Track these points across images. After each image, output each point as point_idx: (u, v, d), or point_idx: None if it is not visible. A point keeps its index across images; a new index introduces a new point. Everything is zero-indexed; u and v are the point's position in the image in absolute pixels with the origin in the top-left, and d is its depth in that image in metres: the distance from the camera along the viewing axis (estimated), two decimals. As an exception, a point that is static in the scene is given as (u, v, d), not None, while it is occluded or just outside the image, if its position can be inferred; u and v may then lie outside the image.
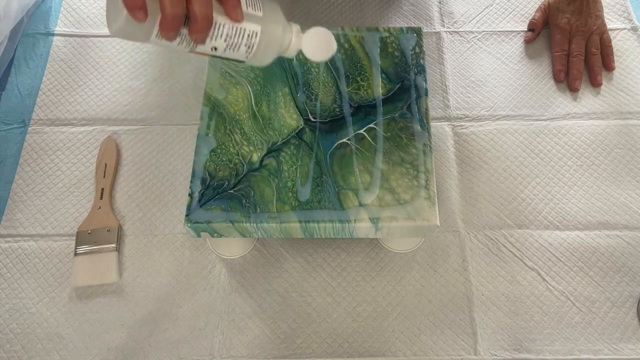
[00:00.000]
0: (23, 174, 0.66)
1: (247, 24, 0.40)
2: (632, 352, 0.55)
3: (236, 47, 0.41)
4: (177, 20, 0.37)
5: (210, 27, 0.39)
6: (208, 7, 0.38)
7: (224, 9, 0.39)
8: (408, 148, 0.54)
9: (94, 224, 0.62)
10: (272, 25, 0.42)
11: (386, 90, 0.57)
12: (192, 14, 0.37)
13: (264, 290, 0.59)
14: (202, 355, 0.56)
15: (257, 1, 0.41)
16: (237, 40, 0.41)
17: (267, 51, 0.43)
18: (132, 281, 0.60)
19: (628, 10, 0.78)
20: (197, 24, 0.37)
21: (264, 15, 0.41)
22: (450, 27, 0.77)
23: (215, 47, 0.40)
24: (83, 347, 0.56)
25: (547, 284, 0.59)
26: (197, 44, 0.40)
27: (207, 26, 0.38)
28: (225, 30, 0.40)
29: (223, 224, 0.51)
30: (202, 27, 0.38)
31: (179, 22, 0.37)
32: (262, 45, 0.42)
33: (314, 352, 0.56)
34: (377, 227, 0.51)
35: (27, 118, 0.70)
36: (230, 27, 0.40)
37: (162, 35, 0.38)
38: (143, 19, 0.36)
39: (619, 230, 0.62)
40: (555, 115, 0.70)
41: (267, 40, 0.42)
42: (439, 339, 0.56)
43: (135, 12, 0.35)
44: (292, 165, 0.53)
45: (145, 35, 0.38)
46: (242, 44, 0.41)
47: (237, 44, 0.41)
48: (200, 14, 0.37)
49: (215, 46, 0.40)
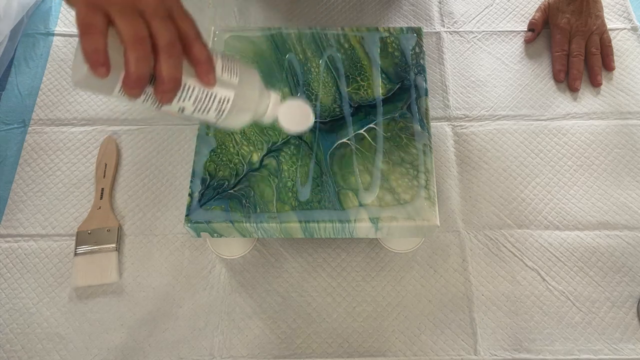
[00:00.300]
0: (23, 174, 0.66)
1: (219, 89, 0.39)
2: (632, 352, 0.55)
3: (205, 111, 0.39)
4: (141, 79, 0.35)
5: (177, 89, 0.37)
6: (177, 69, 0.36)
7: (195, 72, 0.37)
8: (408, 148, 0.54)
9: (94, 224, 0.62)
10: (246, 92, 0.41)
11: (386, 90, 0.57)
12: (158, 75, 0.35)
13: (264, 290, 0.59)
14: (202, 355, 0.56)
15: (234, 67, 0.40)
16: (207, 105, 0.39)
17: (239, 117, 0.41)
18: (132, 281, 0.60)
19: (628, 10, 0.78)
20: (163, 85, 0.35)
21: (239, 82, 0.40)
22: (450, 27, 0.77)
23: (183, 109, 0.39)
24: (83, 347, 0.56)
25: (547, 284, 0.59)
26: (162, 104, 0.38)
27: (174, 88, 0.36)
28: (195, 93, 0.38)
29: (223, 224, 0.51)
30: (169, 88, 0.36)
31: (144, 81, 0.35)
32: (234, 111, 0.40)
33: (314, 352, 0.56)
34: (377, 227, 0.51)
35: (27, 118, 0.70)
36: (200, 91, 0.38)
37: (125, 93, 0.36)
38: (104, 75, 0.34)
39: (619, 230, 0.62)
40: (555, 115, 0.70)
41: (240, 106, 0.40)
42: (439, 339, 0.56)
43: (96, 68, 0.33)
44: (292, 165, 0.53)
45: (108, 89, 0.36)
46: (212, 108, 0.39)
47: (206, 108, 0.39)
48: (168, 75, 0.35)
49: (183, 107, 0.39)
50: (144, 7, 0.35)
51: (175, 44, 0.36)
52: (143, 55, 0.34)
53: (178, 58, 0.36)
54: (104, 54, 0.33)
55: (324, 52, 0.60)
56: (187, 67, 0.37)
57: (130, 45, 0.34)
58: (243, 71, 0.41)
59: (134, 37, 0.34)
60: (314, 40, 0.61)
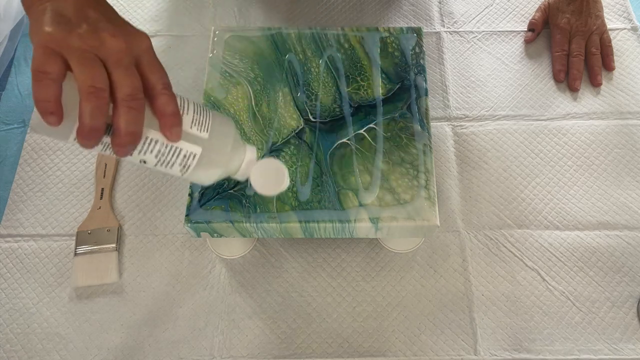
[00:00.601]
0: (23, 174, 0.66)
1: (185, 144, 0.36)
2: (632, 352, 0.55)
3: (169, 165, 0.37)
4: (94, 131, 0.33)
5: (135, 143, 0.34)
6: (136, 124, 0.34)
7: (159, 125, 0.35)
8: (408, 148, 0.54)
9: (94, 224, 0.62)
10: (216, 149, 0.38)
11: (386, 90, 0.57)
12: (116, 128, 0.33)
13: (264, 290, 0.59)
14: (202, 355, 0.56)
15: (206, 120, 0.37)
16: (171, 159, 0.37)
17: (207, 172, 0.39)
18: (132, 281, 0.60)
19: (628, 10, 0.78)
20: (120, 138, 0.33)
21: (209, 137, 0.37)
22: (450, 27, 0.77)
23: (145, 161, 0.36)
24: (83, 347, 0.56)
25: (547, 284, 0.59)
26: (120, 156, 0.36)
27: (132, 142, 0.34)
28: (157, 147, 0.36)
29: (223, 224, 0.51)
30: (126, 142, 0.34)
31: (98, 133, 0.33)
32: (201, 167, 0.38)
33: (314, 352, 0.56)
34: (377, 227, 0.51)
35: (27, 118, 0.70)
36: (163, 145, 0.36)
37: (79, 143, 0.33)
38: (55, 124, 0.32)
39: (619, 230, 0.62)
40: (555, 115, 0.70)
41: (208, 163, 0.38)
42: (439, 339, 0.56)
43: (47, 116, 0.32)
44: (292, 165, 0.53)
45: (63, 136, 0.34)
46: (177, 163, 0.37)
47: (170, 162, 0.37)
48: (125, 130, 0.33)
49: (145, 160, 0.36)
50: (106, 56, 0.33)
51: (136, 97, 0.34)
52: (97, 106, 0.32)
53: (138, 111, 0.34)
54: (53, 103, 0.32)
55: (324, 52, 0.60)
56: (152, 119, 0.35)
57: (84, 95, 0.32)
58: (216, 125, 0.38)
59: (89, 87, 0.32)
60: (314, 40, 0.61)
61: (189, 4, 0.80)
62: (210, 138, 0.37)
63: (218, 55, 0.60)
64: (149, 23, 0.78)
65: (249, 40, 0.61)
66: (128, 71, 0.34)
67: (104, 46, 0.33)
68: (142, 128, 0.34)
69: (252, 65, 0.59)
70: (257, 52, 0.60)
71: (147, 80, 0.35)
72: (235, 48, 0.60)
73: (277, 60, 0.59)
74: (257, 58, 0.59)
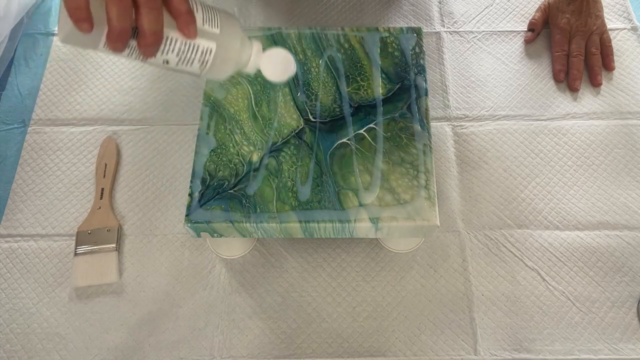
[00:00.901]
0: (23, 174, 0.66)
1: (201, 40, 0.39)
2: (632, 352, 0.55)
3: (189, 62, 0.40)
4: (123, 34, 0.36)
5: (159, 43, 0.37)
6: (158, 23, 0.36)
7: (176, 24, 0.38)
8: (408, 148, 0.54)
9: (94, 224, 0.62)
10: (228, 42, 0.41)
11: (386, 90, 0.57)
12: (140, 29, 0.36)
13: (264, 290, 0.59)
14: (202, 355, 0.56)
15: (215, 17, 0.40)
16: (190, 56, 0.40)
17: (222, 67, 0.42)
18: (132, 281, 0.60)
19: (628, 10, 0.78)
20: (145, 38, 0.36)
21: (220, 33, 0.40)
22: (450, 27, 0.77)
23: (167, 61, 0.40)
24: (83, 347, 0.56)
25: (547, 284, 0.59)
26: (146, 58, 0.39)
27: (156, 42, 0.37)
28: (177, 45, 0.39)
29: (223, 224, 0.51)
30: (151, 42, 0.37)
31: (126, 35, 0.36)
32: (217, 62, 0.41)
33: (314, 352, 0.56)
34: (377, 227, 0.51)
35: (27, 118, 0.70)
36: (182, 43, 0.39)
37: (109, 47, 0.37)
38: (88, 31, 0.35)
39: (619, 230, 0.62)
40: (555, 115, 0.70)
41: (223, 57, 0.41)
42: (439, 339, 0.56)
43: (80, 23, 0.34)
44: (292, 165, 0.53)
45: (94, 44, 0.37)
46: (196, 59, 0.40)
47: (190, 59, 0.40)
48: (149, 29, 0.36)
49: (167, 60, 0.39)
50: None
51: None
52: (123, 9, 0.35)
53: (158, 11, 0.36)
54: (85, 10, 0.34)
55: (324, 52, 0.60)
56: (169, 20, 0.38)
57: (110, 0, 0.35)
58: (224, 21, 0.41)
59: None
60: (314, 40, 0.61)
61: (189, 4, 0.80)
62: (221, 33, 0.40)
63: (218, 55, 0.60)
64: (149, 23, 0.78)
65: (249, 40, 0.61)
66: None
67: None
68: (163, 27, 0.37)
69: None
70: (257, 52, 0.60)
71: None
72: (235, 48, 0.60)
73: (277, 60, 0.59)
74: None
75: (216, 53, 0.40)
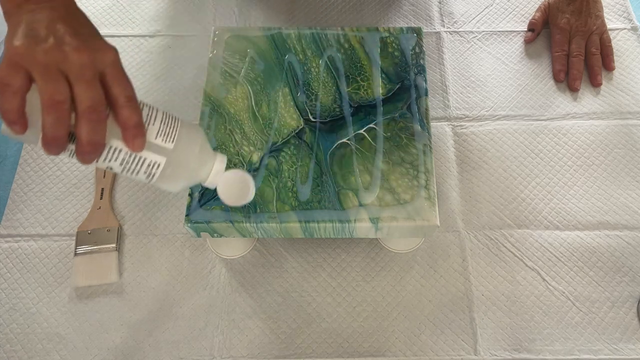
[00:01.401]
0: (23, 174, 0.66)
1: (149, 153, 0.37)
2: (632, 352, 0.55)
3: (134, 173, 0.38)
4: (58, 141, 0.34)
5: (97, 153, 0.36)
6: (96, 134, 0.35)
7: (122, 136, 0.36)
8: (408, 148, 0.54)
9: (94, 224, 0.62)
10: (182, 159, 0.39)
11: (386, 90, 0.57)
12: (78, 137, 0.35)
13: (264, 290, 0.59)
14: (202, 355, 0.56)
15: (173, 131, 0.38)
16: (135, 167, 0.38)
17: (172, 181, 0.40)
18: (132, 281, 0.60)
19: (628, 10, 0.78)
20: (82, 147, 0.35)
21: (174, 148, 0.38)
22: (450, 27, 0.77)
23: (111, 168, 0.38)
24: (83, 347, 0.56)
25: (547, 284, 0.59)
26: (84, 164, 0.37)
27: (94, 151, 0.36)
28: (121, 156, 0.37)
29: (223, 224, 0.51)
30: (87, 151, 0.35)
31: (60, 142, 0.35)
32: (167, 175, 0.39)
33: (314, 352, 0.56)
34: (377, 227, 0.51)
35: (27, 118, 0.70)
36: (127, 154, 0.37)
37: (44, 150, 0.35)
38: (20, 133, 0.34)
39: (619, 230, 0.62)
40: (555, 115, 0.70)
41: (173, 172, 0.39)
42: (439, 339, 0.56)
43: (12, 125, 0.34)
44: (292, 165, 0.53)
45: (32, 141, 0.36)
46: (142, 171, 0.38)
47: (135, 170, 0.38)
48: (86, 139, 0.35)
49: (111, 167, 0.38)
50: (69, 69, 0.35)
51: (97, 109, 0.35)
52: (58, 118, 0.34)
53: (98, 123, 0.35)
54: (16, 113, 0.33)
55: (324, 52, 0.60)
56: (116, 129, 0.36)
57: (45, 107, 0.34)
58: (183, 136, 0.39)
59: (50, 100, 0.34)
60: (314, 40, 0.61)
61: (189, 4, 0.80)
62: (175, 149, 0.38)
63: (218, 55, 0.60)
64: (148, 23, 0.78)
65: (249, 40, 0.61)
66: (90, 84, 0.35)
67: (67, 60, 0.34)
68: (104, 138, 0.36)
69: (252, 65, 0.59)
70: (257, 52, 0.60)
71: (110, 93, 0.36)
72: (235, 48, 0.60)
73: (277, 60, 0.59)
74: (257, 58, 0.59)
75: (165, 168, 0.38)
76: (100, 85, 0.36)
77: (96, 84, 0.35)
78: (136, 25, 0.78)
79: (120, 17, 0.79)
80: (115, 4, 0.80)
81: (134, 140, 0.36)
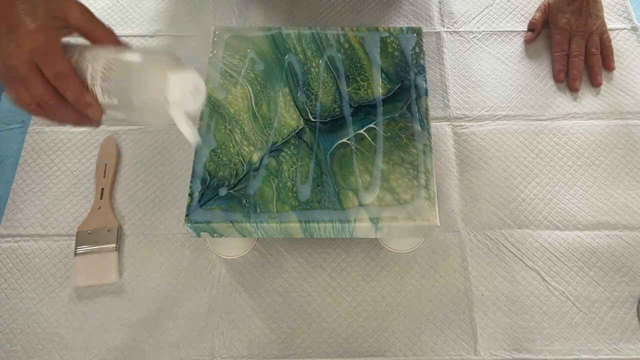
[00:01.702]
0: (23, 174, 0.66)
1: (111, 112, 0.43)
2: (632, 352, 0.55)
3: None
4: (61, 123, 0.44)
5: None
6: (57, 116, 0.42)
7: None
8: (408, 148, 0.54)
9: (94, 224, 0.62)
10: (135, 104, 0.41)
11: (386, 90, 0.57)
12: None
13: (264, 290, 0.59)
14: (202, 355, 0.56)
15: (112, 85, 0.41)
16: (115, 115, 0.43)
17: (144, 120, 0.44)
18: (132, 281, 0.60)
19: (628, 10, 0.78)
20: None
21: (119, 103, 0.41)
22: (450, 27, 0.77)
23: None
24: (83, 347, 0.56)
25: (547, 284, 0.59)
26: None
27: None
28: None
29: (223, 224, 0.51)
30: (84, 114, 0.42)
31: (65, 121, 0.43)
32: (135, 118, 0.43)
33: (314, 352, 0.56)
34: (377, 227, 0.51)
35: (27, 118, 0.70)
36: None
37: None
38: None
39: (619, 230, 0.62)
40: (555, 115, 0.70)
41: (136, 116, 0.42)
42: (439, 339, 0.56)
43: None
44: (292, 165, 0.53)
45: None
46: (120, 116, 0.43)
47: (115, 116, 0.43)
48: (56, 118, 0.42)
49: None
50: (16, 74, 0.39)
51: (46, 98, 0.40)
52: (42, 114, 0.41)
53: (53, 110, 0.41)
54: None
55: (324, 52, 0.60)
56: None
57: (29, 111, 0.41)
58: (126, 85, 0.40)
59: (23, 105, 0.40)
60: (314, 40, 0.61)
61: (189, 4, 0.80)
62: (121, 102, 0.41)
63: (218, 55, 0.60)
64: (148, 23, 0.78)
65: (249, 40, 0.61)
66: (33, 82, 0.39)
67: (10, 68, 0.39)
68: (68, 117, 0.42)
69: (252, 65, 0.59)
70: (257, 52, 0.60)
71: (52, 77, 0.40)
72: (235, 48, 0.60)
73: (277, 60, 0.59)
74: (257, 58, 0.59)
75: (126, 117, 0.42)
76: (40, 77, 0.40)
77: (37, 76, 0.39)
78: (136, 25, 0.78)
79: (120, 17, 0.79)
80: (115, 4, 0.80)
81: (86, 111, 0.41)
